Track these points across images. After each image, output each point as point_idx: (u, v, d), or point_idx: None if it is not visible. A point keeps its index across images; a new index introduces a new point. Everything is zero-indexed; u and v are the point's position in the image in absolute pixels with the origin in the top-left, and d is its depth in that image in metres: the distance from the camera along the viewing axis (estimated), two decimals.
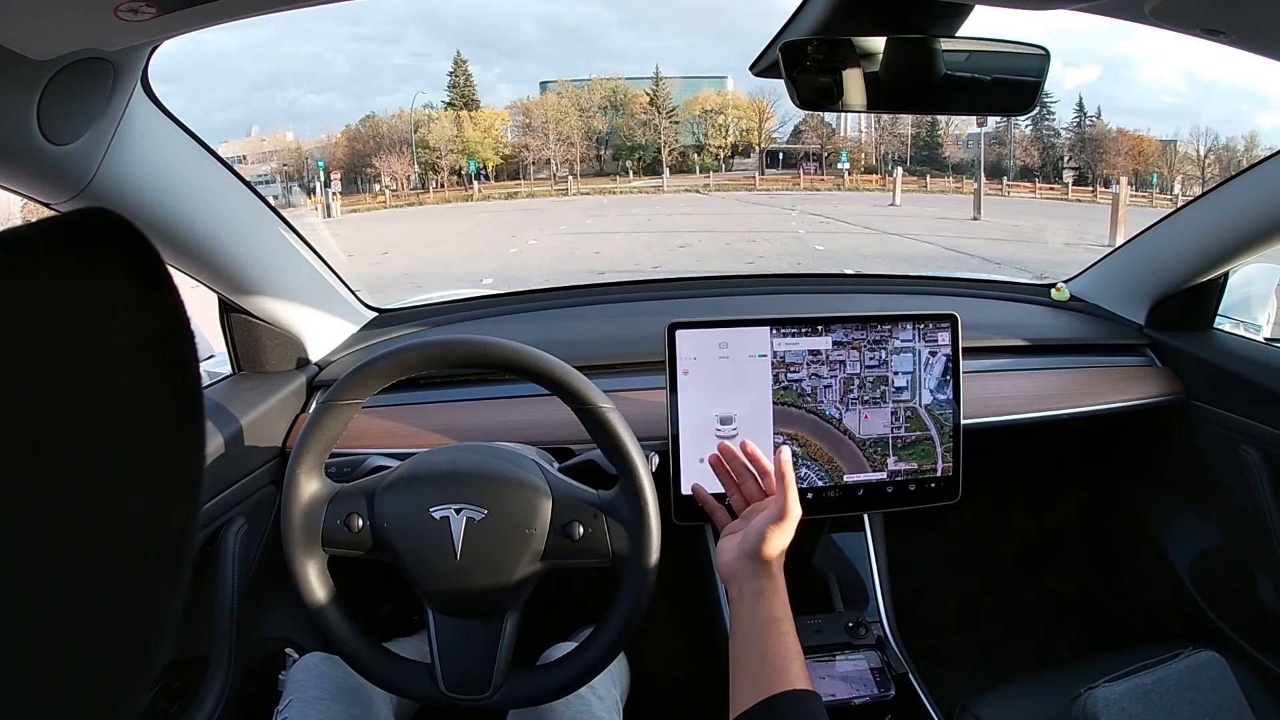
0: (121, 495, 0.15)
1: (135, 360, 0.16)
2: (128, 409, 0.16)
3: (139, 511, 0.16)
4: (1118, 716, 0.86)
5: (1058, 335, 1.23)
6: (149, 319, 0.17)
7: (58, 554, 0.14)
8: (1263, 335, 1.16)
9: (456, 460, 0.74)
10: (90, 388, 0.15)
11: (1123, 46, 36.27)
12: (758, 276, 1.50)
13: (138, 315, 0.17)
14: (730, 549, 0.69)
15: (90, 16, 0.53)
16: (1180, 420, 1.17)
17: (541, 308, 1.34)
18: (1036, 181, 24.83)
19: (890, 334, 0.93)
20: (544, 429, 0.94)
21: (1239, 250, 1.05)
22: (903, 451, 0.94)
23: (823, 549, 1.08)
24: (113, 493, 0.15)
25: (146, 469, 0.16)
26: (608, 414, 0.70)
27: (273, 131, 28.72)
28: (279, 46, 37.81)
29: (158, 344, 0.17)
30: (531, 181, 28.42)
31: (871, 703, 0.89)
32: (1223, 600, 1.17)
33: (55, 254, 0.16)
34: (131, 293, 0.17)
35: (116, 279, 0.17)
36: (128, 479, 0.16)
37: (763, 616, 0.64)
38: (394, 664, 0.74)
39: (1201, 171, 23.25)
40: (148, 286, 0.17)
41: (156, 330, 0.17)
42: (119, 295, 0.17)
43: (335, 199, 23.45)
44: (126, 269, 0.17)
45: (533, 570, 0.72)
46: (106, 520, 0.15)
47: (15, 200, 1.05)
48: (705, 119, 30.72)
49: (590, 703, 0.81)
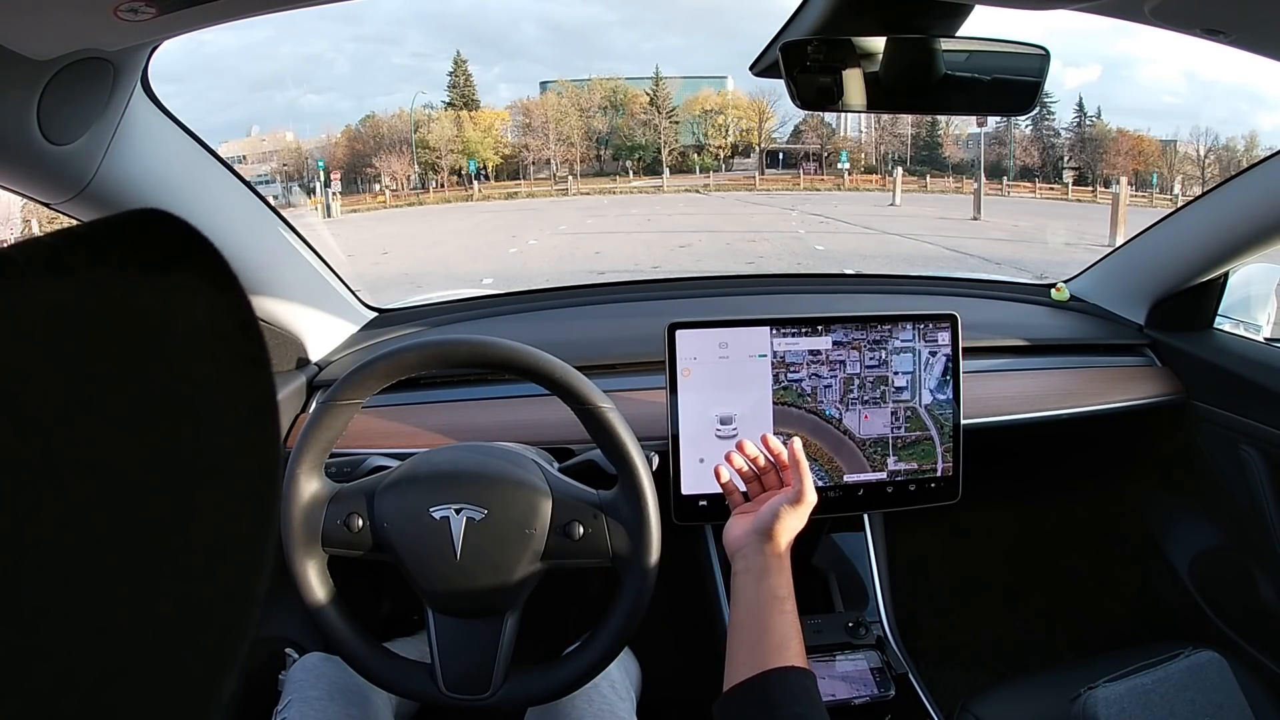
0: (211, 487, 0.16)
1: (213, 356, 0.17)
2: (210, 403, 0.17)
3: (230, 497, 0.16)
4: (1118, 716, 0.86)
5: (1058, 335, 1.23)
6: (222, 316, 0.18)
7: (149, 540, 0.14)
8: (1263, 335, 1.15)
9: (456, 460, 0.74)
10: (171, 384, 0.16)
11: (1123, 46, 36.26)
12: (758, 276, 1.50)
13: (211, 313, 0.17)
14: (741, 525, 0.70)
15: (90, 16, 0.53)
16: (1180, 420, 1.17)
17: (541, 308, 1.34)
18: (1036, 181, 24.83)
19: (890, 334, 0.93)
20: (544, 429, 0.94)
21: (1239, 250, 1.05)
22: (903, 451, 0.94)
23: (823, 549, 1.08)
24: (202, 487, 0.16)
25: (231, 462, 0.17)
26: (608, 414, 0.70)
27: (273, 131, 28.72)
28: (279, 46, 37.80)
29: (231, 339, 0.18)
30: (531, 181, 28.42)
31: (871, 703, 0.89)
32: (1223, 600, 1.17)
33: (127, 254, 0.16)
34: (204, 292, 0.17)
35: (189, 279, 0.17)
36: (214, 472, 0.16)
37: (766, 592, 0.64)
38: (394, 664, 0.74)
39: (1201, 171, 23.25)
40: (219, 285, 0.18)
41: (229, 327, 0.18)
42: (193, 294, 0.17)
43: (335, 199, 23.44)
44: (197, 269, 0.17)
45: (533, 570, 0.72)
46: (199, 509, 0.16)
47: (15, 200, 1.05)
48: (705, 119, 30.72)
49: (612, 702, 0.81)
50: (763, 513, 0.68)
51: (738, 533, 0.69)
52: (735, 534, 0.70)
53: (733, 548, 0.69)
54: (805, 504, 0.67)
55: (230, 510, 0.17)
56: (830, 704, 0.88)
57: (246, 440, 0.17)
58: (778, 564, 0.66)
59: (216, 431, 0.17)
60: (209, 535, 0.16)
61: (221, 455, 0.17)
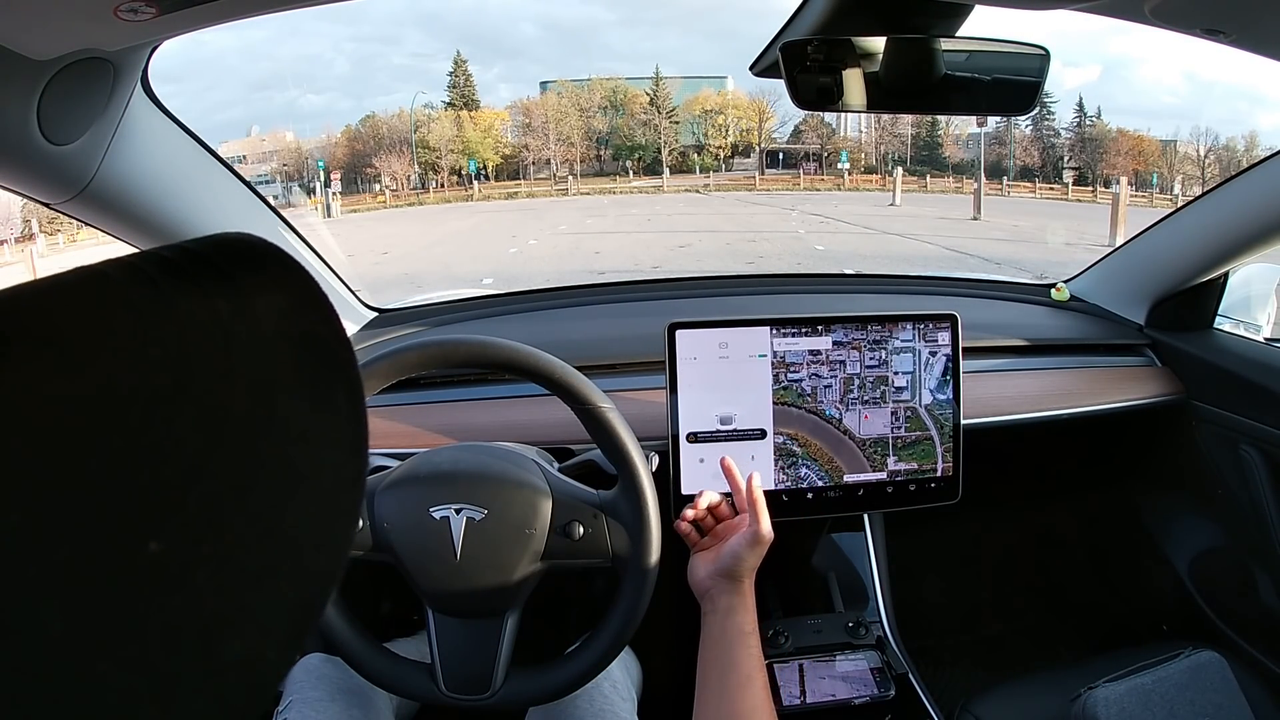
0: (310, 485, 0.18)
1: (304, 364, 0.19)
2: (306, 407, 0.19)
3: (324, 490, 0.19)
4: (1118, 716, 0.86)
5: (1058, 335, 1.23)
6: (314, 328, 0.20)
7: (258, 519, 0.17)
8: (1263, 335, 1.15)
9: (456, 460, 0.74)
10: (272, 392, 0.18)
11: (1122, 46, 36.28)
12: (758, 276, 1.50)
13: (301, 326, 0.19)
14: (704, 566, 0.73)
15: (90, 16, 0.53)
16: (1180, 420, 1.17)
17: (541, 308, 1.33)
18: (1036, 181, 24.84)
19: (890, 334, 0.93)
20: (544, 429, 0.94)
21: (1239, 250, 1.05)
22: (903, 451, 0.94)
23: (823, 549, 1.08)
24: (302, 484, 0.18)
25: (327, 470, 0.19)
26: (608, 414, 0.70)
27: (273, 131, 28.74)
28: (279, 46, 37.82)
29: (320, 345, 0.20)
30: (531, 181, 28.42)
31: (871, 703, 0.89)
32: (1223, 600, 1.17)
33: (223, 277, 0.18)
34: (294, 308, 0.19)
35: (280, 297, 0.19)
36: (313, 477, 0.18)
37: (733, 629, 0.67)
38: (394, 664, 0.74)
39: (1201, 171, 23.26)
40: (308, 302, 0.20)
41: (317, 336, 0.20)
42: (286, 310, 0.19)
43: (335, 199, 23.45)
44: (288, 288, 0.20)
45: (533, 570, 0.72)
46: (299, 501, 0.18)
47: (16, 200, 1.05)
48: (705, 119, 30.73)
49: (614, 702, 0.81)
50: (724, 556, 0.71)
51: (702, 575, 0.73)
52: (700, 576, 0.73)
53: (699, 590, 0.73)
54: (762, 543, 0.70)
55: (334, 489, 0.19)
56: (830, 704, 0.89)
57: (343, 437, 0.19)
58: (741, 602, 0.69)
59: (319, 429, 0.19)
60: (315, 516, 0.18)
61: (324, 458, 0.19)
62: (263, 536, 0.17)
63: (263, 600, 0.16)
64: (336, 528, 0.19)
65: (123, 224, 0.78)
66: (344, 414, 0.20)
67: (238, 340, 0.18)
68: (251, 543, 0.16)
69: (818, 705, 0.88)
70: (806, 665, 0.93)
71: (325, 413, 0.19)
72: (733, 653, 0.66)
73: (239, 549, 0.16)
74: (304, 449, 0.18)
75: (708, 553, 0.74)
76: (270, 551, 0.17)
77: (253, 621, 0.16)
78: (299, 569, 0.18)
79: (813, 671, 0.92)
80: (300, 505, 0.18)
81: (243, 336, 0.18)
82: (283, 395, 0.18)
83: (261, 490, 0.17)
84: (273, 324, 0.19)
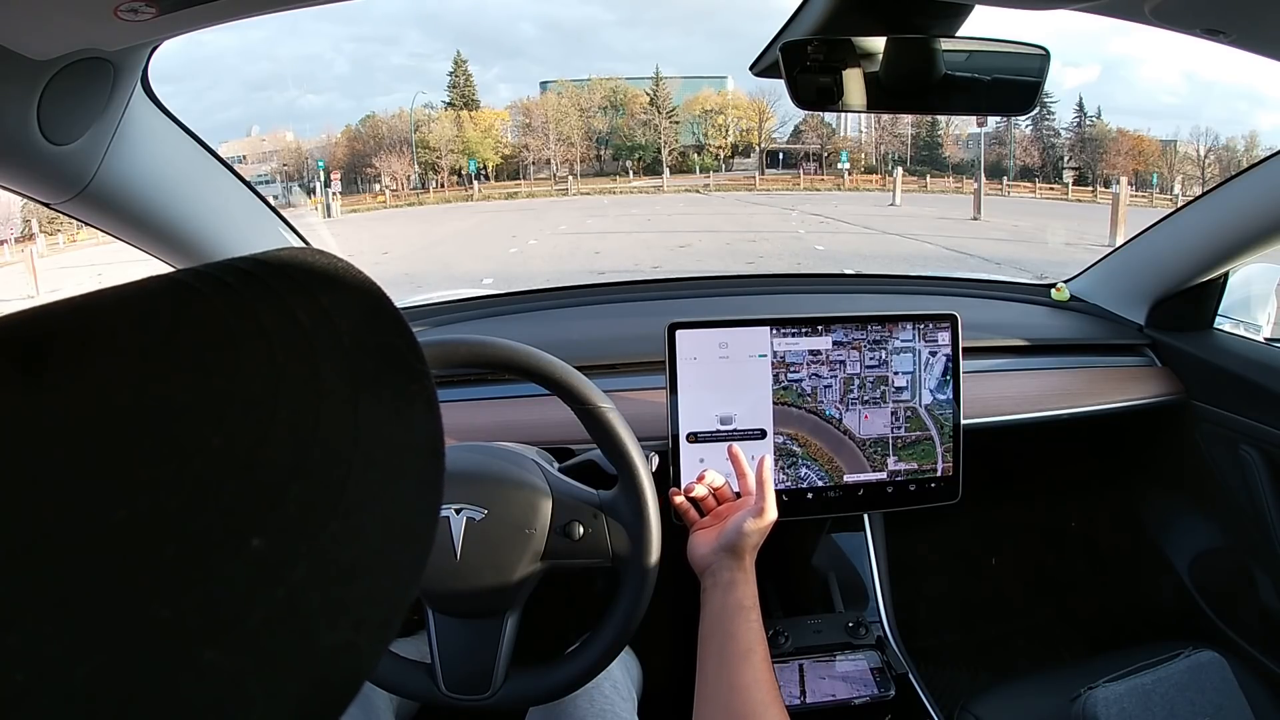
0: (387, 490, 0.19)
1: (383, 373, 0.20)
2: (387, 413, 0.20)
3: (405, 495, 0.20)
4: (1118, 716, 0.86)
5: (1058, 335, 1.23)
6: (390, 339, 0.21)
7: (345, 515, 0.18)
8: (1263, 335, 1.15)
9: (456, 460, 0.74)
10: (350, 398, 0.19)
11: (1122, 46, 36.26)
12: (758, 276, 1.50)
13: (377, 336, 0.21)
14: (705, 542, 0.73)
15: (90, 16, 0.53)
16: (1180, 420, 1.17)
17: (541, 308, 1.33)
18: (1036, 181, 24.84)
19: (890, 334, 0.93)
20: (544, 429, 0.94)
21: (1239, 250, 1.05)
22: (903, 451, 0.94)
23: (823, 549, 1.08)
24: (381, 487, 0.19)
25: (409, 472, 0.20)
26: (608, 414, 0.70)
27: (273, 131, 28.75)
28: (278, 46, 37.82)
29: (396, 355, 0.21)
30: (531, 181, 28.42)
31: (871, 703, 0.89)
32: (1223, 600, 1.17)
33: (300, 290, 0.19)
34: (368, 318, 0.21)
35: (355, 309, 0.20)
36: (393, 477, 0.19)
37: (733, 603, 0.67)
38: (393, 664, 0.74)
39: (1201, 171, 23.27)
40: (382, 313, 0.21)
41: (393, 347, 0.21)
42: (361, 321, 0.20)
43: (335, 199, 23.46)
44: (362, 301, 0.21)
45: (533, 570, 0.72)
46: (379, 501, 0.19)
47: (16, 200, 1.05)
48: (705, 119, 30.74)
49: (614, 701, 0.81)
50: (728, 530, 0.71)
51: (704, 550, 0.72)
52: (701, 551, 0.72)
53: (700, 565, 0.72)
54: (767, 519, 0.70)
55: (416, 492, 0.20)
56: (830, 704, 0.89)
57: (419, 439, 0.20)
58: (743, 577, 0.69)
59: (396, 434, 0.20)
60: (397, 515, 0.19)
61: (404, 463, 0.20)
62: (354, 534, 0.18)
63: (354, 593, 0.17)
64: (420, 526, 0.20)
65: (123, 224, 0.78)
66: (421, 419, 0.21)
67: (321, 349, 0.19)
68: (344, 540, 0.17)
69: (818, 705, 0.88)
70: (806, 665, 0.93)
71: (405, 418, 0.20)
72: (731, 625, 0.65)
73: (332, 545, 0.17)
74: (388, 453, 0.19)
75: (708, 530, 0.74)
76: (360, 548, 0.18)
77: (345, 613, 0.17)
78: (387, 564, 0.18)
79: (813, 671, 0.92)
80: (386, 505, 0.19)
81: (326, 345, 0.19)
82: (365, 402, 0.19)
83: (351, 491, 0.18)
84: (350, 334, 0.20)
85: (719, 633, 0.65)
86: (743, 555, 0.70)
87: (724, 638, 0.65)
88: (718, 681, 0.62)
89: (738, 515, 0.71)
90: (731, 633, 0.65)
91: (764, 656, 0.63)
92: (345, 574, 0.17)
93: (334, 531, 0.17)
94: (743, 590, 0.67)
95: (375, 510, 0.18)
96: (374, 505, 0.18)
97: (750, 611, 0.66)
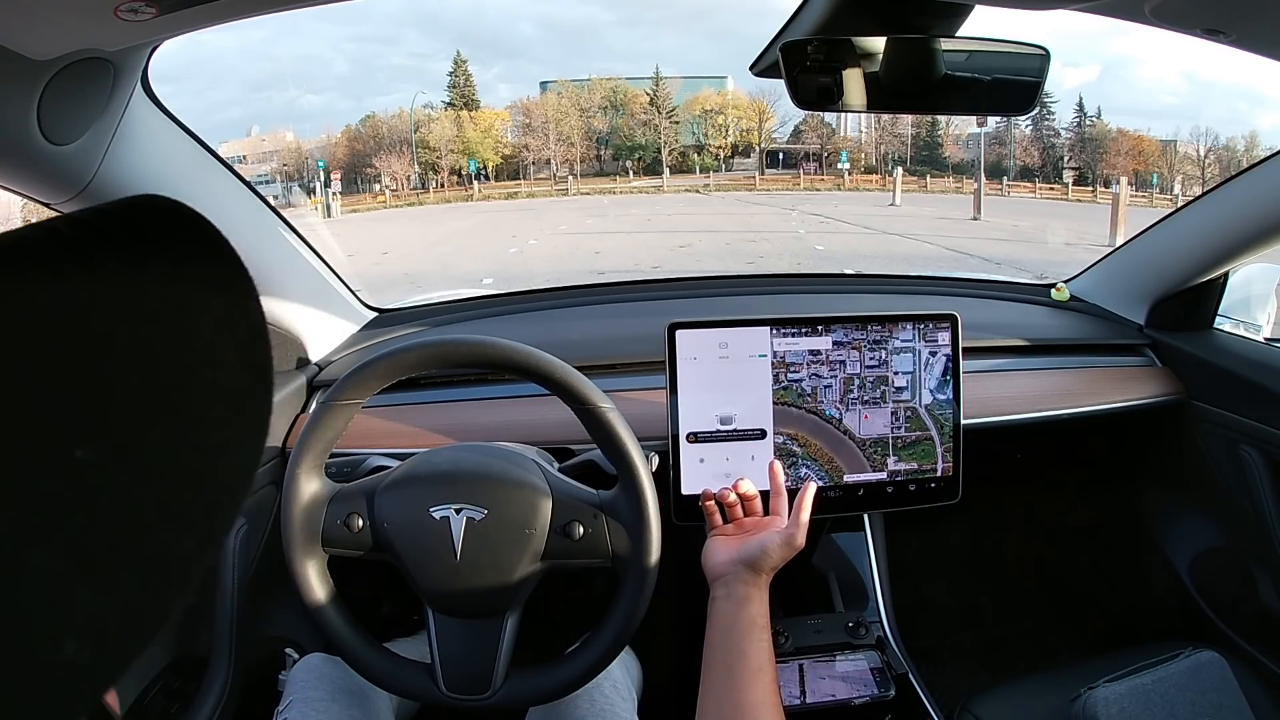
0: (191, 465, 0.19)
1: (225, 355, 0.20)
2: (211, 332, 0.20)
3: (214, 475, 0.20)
4: (1118, 716, 0.86)
5: (1058, 335, 1.23)
6: (232, 304, 0.21)
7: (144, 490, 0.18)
8: (1263, 335, 1.15)
9: (457, 460, 0.74)
10: (176, 367, 0.19)
11: (1122, 46, 36.28)
12: (758, 276, 1.50)
13: (227, 316, 0.21)
14: (724, 550, 0.71)
15: (90, 16, 0.53)
16: (1180, 420, 1.17)
17: (541, 308, 1.34)
18: (1036, 181, 24.84)
19: (890, 334, 0.93)
20: (544, 429, 0.94)
21: (1239, 250, 1.05)
22: (903, 451, 0.94)
23: (823, 549, 1.08)
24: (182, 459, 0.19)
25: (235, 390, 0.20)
26: (608, 414, 0.70)
27: (273, 131, 28.75)
28: (278, 47, 37.83)
29: (235, 323, 0.21)
30: (531, 181, 28.42)
31: (871, 703, 0.89)
32: (1223, 600, 1.17)
33: (134, 242, 0.19)
34: (222, 295, 0.21)
35: (196, 267, 0.21)
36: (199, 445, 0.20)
37: (746, 620, 0.66)
38: (394, 664, 0.74)
39: (1201, 171, 23.27)
40: (205, 240, 0.21)
41: (234, 309, 0.21)
42: (201, 280, 0.20)
43: (335, 199, 23.45)
44: (201, 257, 0.21)
45: (533, 570, 0.72)
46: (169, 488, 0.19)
47: (16, 200, 1.05)
48: (705, 119, 30.73)
49: (614, 701, 0.81)
50: (751, 545, 0.70)
51: (721, 558, 0.71)
52: (718, 559, 0.71)
53: (714, 573, 0.71)
54: (795, 546, 0.69)
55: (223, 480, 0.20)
56: (830, 704, 0.89)
57: (242, 404, 0.21)
58: (759, 594, 0.68)
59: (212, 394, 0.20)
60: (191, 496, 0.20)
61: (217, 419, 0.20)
62: (178, 445, 0.19)
63: (179, 499, 0.19)
64: (245, 441, 0.21)
65: None
66: (246, 339, 0.21)
67: (149, 279, 0.19)
68: (168, 450, 0.19)
69: (818, 705, 0.88)
70: (806, 665, 0.93)
71: (229, 337, 0.21)
72: (744, 643, 0.64)
73: (156, 456, 0.18)
74: (213, 372, 0.20)
75: (729, 539, 0.73)
76: (184, 459, 0.19)
77: (171, 517, 0.18)
78: (212, 473, 0.20)
79: (813, 671, 0.92)
80: (211, 419, 0.20)
81: (155, 277, 0.19)
82: (187, 322, 0.20)
83: (176, 406, 0.19)
84: (177, 265, 0.20)
85: (729, 647, 0.65)
86: (761, 573, 0.68)
87: (735, 654, 0.64)
88: (723, 697, 0.62)
89: (765, 534, 0.70)
90: (743, 651, 0.64)
91: (773, 678, 0.63)
92: (170, 483, 0.18)
93: (158, 444, 0.18)
94: (757, 608, 0.67)
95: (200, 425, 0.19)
96: (199, 421, 0.19)
97: (763, 631, 0.65)
